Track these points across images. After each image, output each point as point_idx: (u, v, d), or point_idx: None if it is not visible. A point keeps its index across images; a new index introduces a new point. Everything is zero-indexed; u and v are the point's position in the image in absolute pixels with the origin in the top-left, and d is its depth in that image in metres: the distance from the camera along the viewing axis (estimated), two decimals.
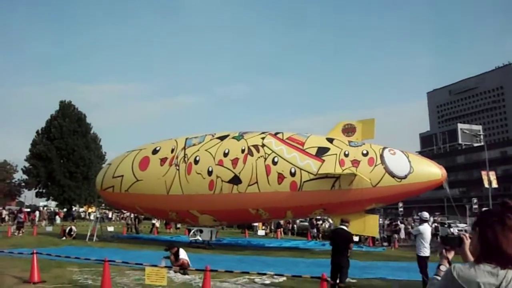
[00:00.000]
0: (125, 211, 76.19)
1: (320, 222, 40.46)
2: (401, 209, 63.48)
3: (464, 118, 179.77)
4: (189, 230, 25.54)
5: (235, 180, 22.62)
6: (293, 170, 22.00)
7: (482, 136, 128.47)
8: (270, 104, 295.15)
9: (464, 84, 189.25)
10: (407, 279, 14.91)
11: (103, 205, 34.52)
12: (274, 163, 22.32)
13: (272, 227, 41.62)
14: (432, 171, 22.82)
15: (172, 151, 24.47)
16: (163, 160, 24.35)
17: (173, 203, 24.13)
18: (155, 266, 11.15)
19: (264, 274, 12.77)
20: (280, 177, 22.07)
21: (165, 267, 11.96)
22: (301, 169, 21.97)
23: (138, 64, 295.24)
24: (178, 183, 23.60)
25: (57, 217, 56.74)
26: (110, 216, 64.64)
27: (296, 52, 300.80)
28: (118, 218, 64.34)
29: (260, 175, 22.30)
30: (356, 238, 34.54)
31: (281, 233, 38.58)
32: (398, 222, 36.77)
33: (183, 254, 14.34)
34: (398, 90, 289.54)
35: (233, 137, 24.09)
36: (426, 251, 12.66)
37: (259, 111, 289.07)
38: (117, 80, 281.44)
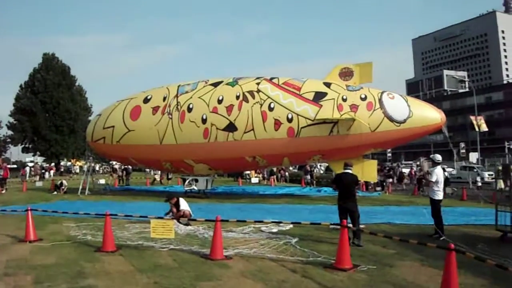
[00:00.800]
0: (113, 163, 76.53)
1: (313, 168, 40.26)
2: (389, 154, 63.52)
3: (448, 65, 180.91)
4: (184, 180, 25.01)
5: (231, 127, 21.98)
6: (290, 116, 21.39)
7: (467, 82, 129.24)
8: (255, 51, 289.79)
9: (448, 31, 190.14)
10: (416, 223, 14.59)
11: (91, 157, 33.82)
12: (270, 109, 21.66)
13: (265, 175, 41.41)
14: (431, 115, 22.31)
15: (164, 99, 23.64)
16: (155, 109, 23.56)
17: (167, 153, 23.48)
18: (161, 218, 10.57)
19: (279, 222, 12.30)
20: (277, 124, 21.47)
21: (172, 218, 11.41)
22: (298, 114, 21.36)
23: (118, 13, 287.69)
24: (172, 132, 22.92)
25: (51, 172, 56.15)
26: (97, 169, 63.97)
27: None
28: (106, 170, 63.71)
29: (256, 122, 21.68)
30: None
31: (274, 180, 38.37)
32: (396, 166, 36.77)
33: (184, 204, 13.79)
34: (383, 36, 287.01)
35: (227, 83, 23.29)
36: (439, 194, 12.25)
37: (244, 59, 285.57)
38: (99, 31, 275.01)
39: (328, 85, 22.33)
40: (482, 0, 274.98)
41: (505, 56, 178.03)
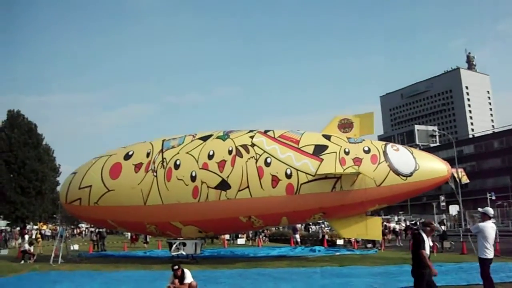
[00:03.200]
0: (82, 226, 73.08)
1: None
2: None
3: (416, 120, 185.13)
4: (170, 244, 22.54)
5: (223, 185, 19.95)
6: (288, 172, 19.56)
7: (437, 137, 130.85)
8: (226, 111, 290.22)
9: (414, 88, 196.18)
10: (466, 284, 12.86)
11: (59, 220, 31.12)
12: (267, 164, 19.81)
13: (250, 235, 39.17)
14: (438, 167, 21.02)
15: (148, 155, 21.54)
16: (137, 166, 21.37)
17: (152, 214, 21.16)
18: None
19: None
20: (275, 180, 19.57)
21: None
22: (297, 170, 19.56)
23: (86, 73, 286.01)
24: (157, 192, 20.70)
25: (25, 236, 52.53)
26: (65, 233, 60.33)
27: (249, 58, 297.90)
28: (75, 234, 60.30)
29: (251, 179, 19.73)
30: (340, 241, 33.08)
31: (261, 240, 36.21)
32: (385, 223, 35.14)
33: (189, 276, 11.52)
34: (353, 94, 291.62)
35: (218, 137, 21.43)
36: (489, 253, 10.43)
37: (215, 118, 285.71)
38: (65, 90, 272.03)
39: (328, 137, 20.79)
40: (446, 58, 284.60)
41: (470, 111, 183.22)
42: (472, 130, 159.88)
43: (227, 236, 37.37)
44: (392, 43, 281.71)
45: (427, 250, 9.38)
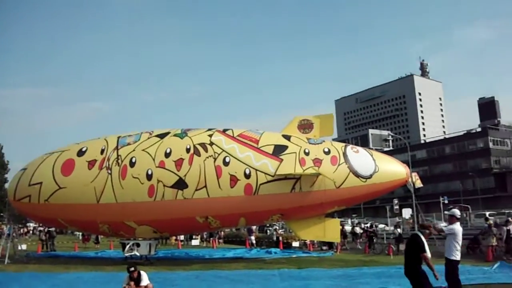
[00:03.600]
0: (29, 225, 70.62)
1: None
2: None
3: (370, 124, 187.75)
4: (123, 244, 21.74)
5: (180, 184, 19.37)
6: (247, 171, 19.19)
7: (390, 141, 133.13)
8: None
9: (369, 92, 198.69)
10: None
11: (6, 219, 29.70)
12: (226, 163, 19.38)
13: (204, 236, 38.49)
14: (397, 169, 21.22)
15: (102, 152, 20.70)
16: (91, 163, 20.51)
17: (105, 213, 20.31)
18: None
19: None
20: (233, 180, 19.18)
21: None
22: (256, 170, 19.21)
23: (47, 67, 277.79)
24: (111, 190, 19.89)
25: None
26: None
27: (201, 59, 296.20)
28: (23, 233, 58.17)
29: (209, 178, 19.26)
30: (296, 243, 32.87)
31: (216, 241, 35.66)
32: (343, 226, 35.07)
33: (146, 279, 10.94)
34: (308, 97, 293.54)
35: (175, 135, 20.83)
36: (458, 255, 10.29)
37: (176, 116, 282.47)
38: (27, 84, 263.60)
39: (287, 137, 20.58)
40: (401, 65, 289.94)
41: (422, 117, 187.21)
42: (424, 135, 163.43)
43: (181, 237, 36.70)
44: (348, 49, 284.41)
45: (428, 253, 9.20)
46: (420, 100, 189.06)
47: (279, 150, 19.76)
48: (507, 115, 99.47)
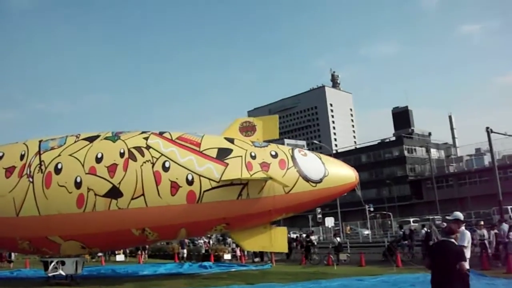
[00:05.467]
0: None
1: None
2: None
3: (283, 135, 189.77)
4: (45, 263, 19.14)
5: (114, 193, 17.18)
6: (190, 177, 17.35)
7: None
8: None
9: (282, 103, 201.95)
10: None
11: None
12: (165, 169, 17.43)
13: (127, 250, 35.99)
14: (346, 173, 20.16)
15: (22, 157, 18.12)
16: (9, 170, 17.85)
17: (25, 228, 17.66)
18: None
19: None
20: (174, 187, 17.25)
21: None
22: (200, 175, 17.42)
23: None
24: (33, 201, 17.35)
25: None
26: None
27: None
28: None
29: (147, 185, 17.21)
30: (227, 256, 31.25)
31: (141, 256, 33.34)
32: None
33: None
34: (220, 108, 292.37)
35: (106, 138, 18.65)
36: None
37: (84, 129, 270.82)
38: None
39: (231, 140, 18.94)
40: (313, 76, 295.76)
41: (334, 127, 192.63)
42: (336, 145, 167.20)
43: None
44: (261, 61, 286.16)
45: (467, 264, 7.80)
46: (332, 110, 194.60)
47: (223, 154, 18.08)
48: (417, 125, 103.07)
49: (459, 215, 8.93)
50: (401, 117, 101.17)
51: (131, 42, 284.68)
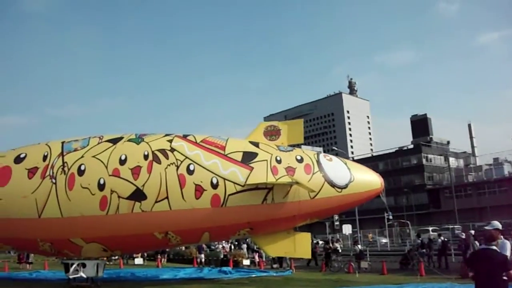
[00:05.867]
0: None
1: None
2: None
3: None
4: (66, 265, 18.94)
5: (137, 195, 16.92)
6: (215, 181, 17.06)
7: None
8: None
9: (298, 110, 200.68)
10: None
11: None
12: (190, 172, 17.16)
13: (145, 254, 35.73)
14: (372, 179, 19.84)
15: (45, 158, 17.94)
16: (31, 171, 17.64)
17: (48, 230, 17.47)
18: None
19: None
20: (199, 190, 16.95)
21: None
22: (225, 179, 17.13)
23: None
24: (56, 202, 17.11)
25: None
26: None
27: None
28: None
29: (171, 188, 16.94)
30: (246, 261, 30.91)
31: (162, 260, 33.11)
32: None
33: None
34: (237, 113, 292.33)
35: (130, 140, 18.43)
36: None
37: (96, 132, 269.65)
38: None
39: (256, 144, 18.66)
40: (330, 83, 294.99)
41: (350, 135, 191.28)
42: (352, 152, 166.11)
43: None
44: (278, 67, 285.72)
45: None
46: (349, 118, 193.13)
47: (248, 158, 17.80)
48: (436, 133, 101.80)
49: (498, 224, 8.62)
50: (420, 125, 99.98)
51: (141, 47, 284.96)
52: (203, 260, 31.80)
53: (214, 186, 17.02)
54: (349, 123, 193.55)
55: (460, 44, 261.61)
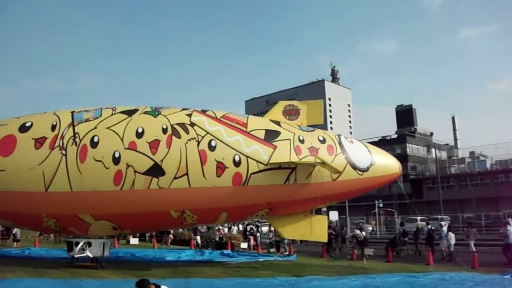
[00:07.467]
0: None
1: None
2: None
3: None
4: (69, 243, 17.80)
5: (155, 170, 15.93)
6: (237, 158, 16.23)
7: None
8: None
9: (280, 95, 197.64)
10: None
11: None
12: (211, 148, 16.27)
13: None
14: (391, 163, 19.45)
15: (54, 128, 16.66)
16: (39, 141, 16.35)
17: (55, 205, 16.28)
18: None
19: None
20: (220, 167, 16.12)
21: None
22: (247, 157, 16.32)
23: None
24: (65, 175, 15.94)
25: None
26: None
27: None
28: None
29: (192, 164, 16.02)
30: (244, 245, 30.22)
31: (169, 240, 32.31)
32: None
33: None
34: (217, 96, 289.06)
35: (145, 112, 17.38)
36: None
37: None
38: None
39: (277, 123, 17.94)
40: (312, 70, 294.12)
41: (331, 122, 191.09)
42: None
43: None
44: (261, 52, 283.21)
45: None
46: (330, 105, 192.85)
47: (271, 136, 17.04)
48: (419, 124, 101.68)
49: None
50: (405, 115, 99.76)
51: (129, 28, 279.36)
52: (199, 242, 30.92)
53: (237, 164, 16.22)
54: (330, 111, 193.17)
55: (444, 37, 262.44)
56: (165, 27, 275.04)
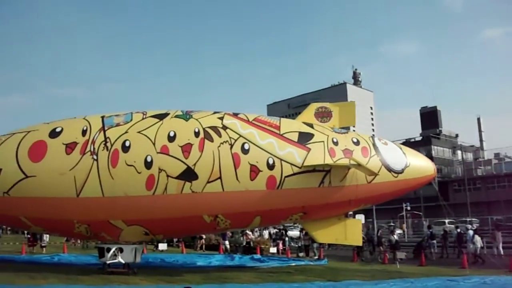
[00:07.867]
0: None
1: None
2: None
3: None
4: (101, 249, 17.59)
5: (188, 174, 15.69)
6: (271, 161, 15.91)
7: None
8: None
9: (301, 99, 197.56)
10: None
11: None
12: (245, 151, 15.98)
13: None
14: (426, 165, 19.00)
15: (84, 133, 16.50)
16: (70, 146, 16.16)
17: (86, 210, 16.09)
18: None
19: None
20: (254, 171, 15.82)
21: None
22: (281, 159, 16.00)
23: None
24: (97, 180, 15.76)
25: None
26: None
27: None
28: None
29: (225, 168, 15.76)
30: (273, 249, 29.80)
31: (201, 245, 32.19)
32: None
33: None
34: (239, 101, 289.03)
35: (177, 116, 17.15)
36: None
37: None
38: None
39: (310, 125, 17.62)
40: (334, 73, 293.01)
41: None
42: None
43: None
44: (283, 56, 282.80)
45: None
46: None
47: (304, 138, 16.72)
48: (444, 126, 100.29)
49: None
50: (429, 117, 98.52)
51: (145, 35, 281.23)
52: (228, 247, 30.67)
53: (270, 167, 15.91)
54: None
55: (466, 37, 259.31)
56: (189, 33, 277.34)
